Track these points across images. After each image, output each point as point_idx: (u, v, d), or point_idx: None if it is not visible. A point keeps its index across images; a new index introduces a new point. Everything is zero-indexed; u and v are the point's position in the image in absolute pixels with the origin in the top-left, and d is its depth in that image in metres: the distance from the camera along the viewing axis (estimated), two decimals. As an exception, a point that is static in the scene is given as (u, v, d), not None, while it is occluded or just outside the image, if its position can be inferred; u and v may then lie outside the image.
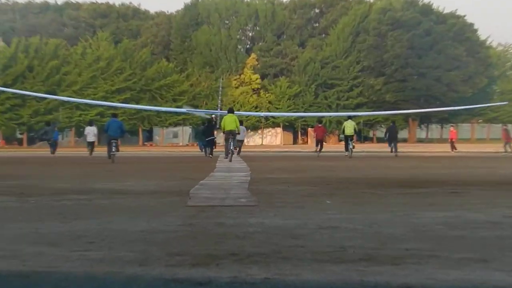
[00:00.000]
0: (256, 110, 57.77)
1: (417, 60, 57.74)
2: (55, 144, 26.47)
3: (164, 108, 50.92)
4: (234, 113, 20.42)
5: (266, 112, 55.78)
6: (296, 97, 59.92)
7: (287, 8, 65.66)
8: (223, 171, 13.19)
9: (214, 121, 28.90)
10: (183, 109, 48.21)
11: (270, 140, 61.58)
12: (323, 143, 25.88)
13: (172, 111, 52.56)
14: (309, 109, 59.36)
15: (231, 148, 18.69)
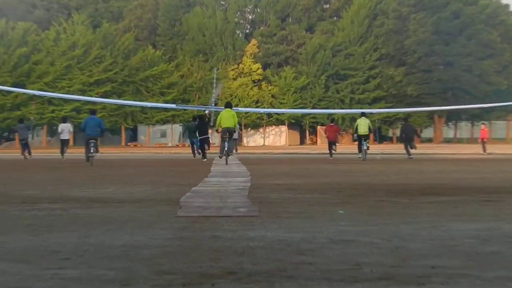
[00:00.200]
0: (257, 105, 57.81)
1: (444, 47, 57.77)
2: (27, 144, 26.46)
3: (150, 103, 50.97)
4: (232, 108, 20.44)
5: (268, 109, 55.78)
6: (304, 90, 59.96)
7: (293, -14, 65.82)
8: (219, 176, 13.22)
9: (208, 117, 28.92)
10: (173, 105, 48.29)
11: (274, 140, 61.65)
12: (335, 145, 26.24)
13: (159, 107, 52.65)
14: (318, 104, 59.37)
15: (226, 149, 18.68)
